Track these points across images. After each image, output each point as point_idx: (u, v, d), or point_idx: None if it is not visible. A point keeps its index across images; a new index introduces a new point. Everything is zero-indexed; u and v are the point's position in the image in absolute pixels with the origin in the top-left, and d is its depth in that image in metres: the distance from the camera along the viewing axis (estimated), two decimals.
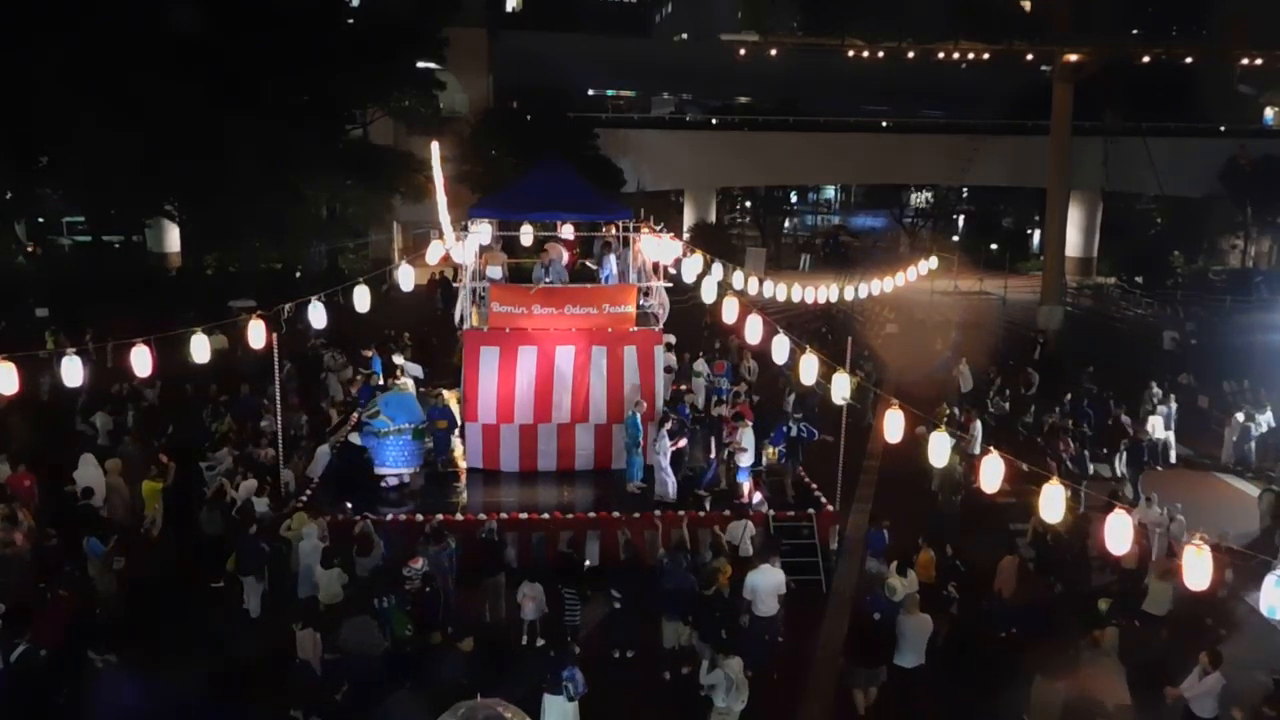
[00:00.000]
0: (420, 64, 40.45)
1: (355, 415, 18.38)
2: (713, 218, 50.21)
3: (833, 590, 14.64)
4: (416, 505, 15.65)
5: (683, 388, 20.88)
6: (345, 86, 35.00)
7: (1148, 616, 13.08)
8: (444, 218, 27.41)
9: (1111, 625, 11.92)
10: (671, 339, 20.60)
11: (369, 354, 21.47)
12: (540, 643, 12.82)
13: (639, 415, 16.51)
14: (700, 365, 21.94)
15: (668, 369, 18.79)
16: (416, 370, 20.57)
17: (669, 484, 15.83)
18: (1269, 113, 58.12)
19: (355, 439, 16.60)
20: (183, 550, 14.52)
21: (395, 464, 16.52)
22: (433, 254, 19.17)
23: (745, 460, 16.32)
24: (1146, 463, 19.17)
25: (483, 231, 19.13)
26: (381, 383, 19.13)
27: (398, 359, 21.05)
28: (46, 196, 34.10)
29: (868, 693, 11.69)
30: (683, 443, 16.30)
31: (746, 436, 16.31)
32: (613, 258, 18.58)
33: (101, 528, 13.92)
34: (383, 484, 16.37)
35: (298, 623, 11.42)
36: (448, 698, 8.99)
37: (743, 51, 42.30)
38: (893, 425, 10.80)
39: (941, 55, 38.63)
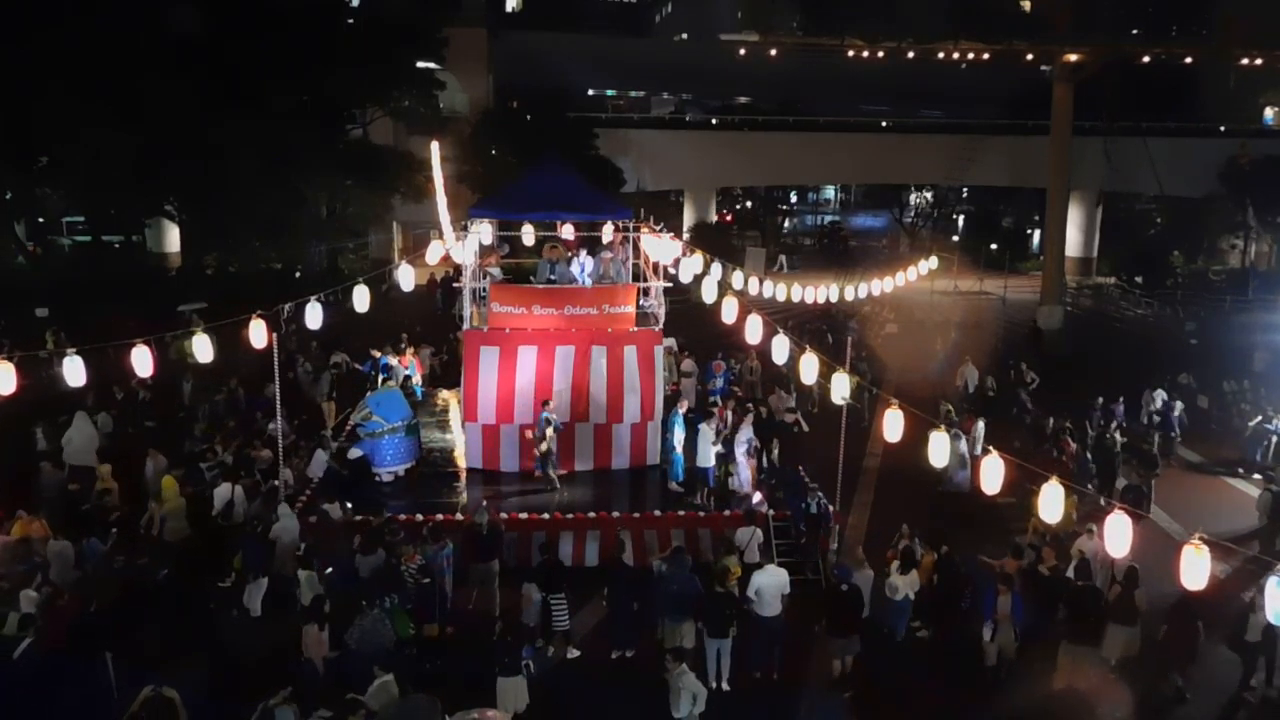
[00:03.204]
0: (420, 64, 40.42)
1: (351, 420, 18.40)
2: (713, 218, 50.19)
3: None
4: (416, 505, 15.64)
5: (677, 387, 20.89)
6: (345, 86, 34.96)
7: None
8: (444, 218, 27.45)
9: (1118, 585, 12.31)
10: (671, 343, 20.71)
11: (377, 355, 21.45)
12: (539, 644, 12.81)
13: (681, 414, 16.64)
14: (689, 365, 21.87)
15: None
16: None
17: (744, 477, 16.00)
18: (1269, 113, 58.10)
19: (354, 453, 16.68)
20: (193, 549, 14.50)
21: (392, 462, 16.74)
22: (433, 254, 19.19)
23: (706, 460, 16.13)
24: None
25: (483, 231, 19.13)
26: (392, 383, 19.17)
27: (392, 359, 20.99)
28: (46, 196, 34.06)
29: (844, 661, 12.16)
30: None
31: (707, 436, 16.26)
32: (586, 259, 18.46)
33: (101, 527, 13.94)
34: (378, 479, 16.52)
35: (305, 620, 11.40)
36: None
37: (743, 51, 42.27)
38: (893, 425, 10.80)
39: (941, 55, 38.59)
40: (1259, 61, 38.47)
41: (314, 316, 14.51)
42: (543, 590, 12.60)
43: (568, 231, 19.91)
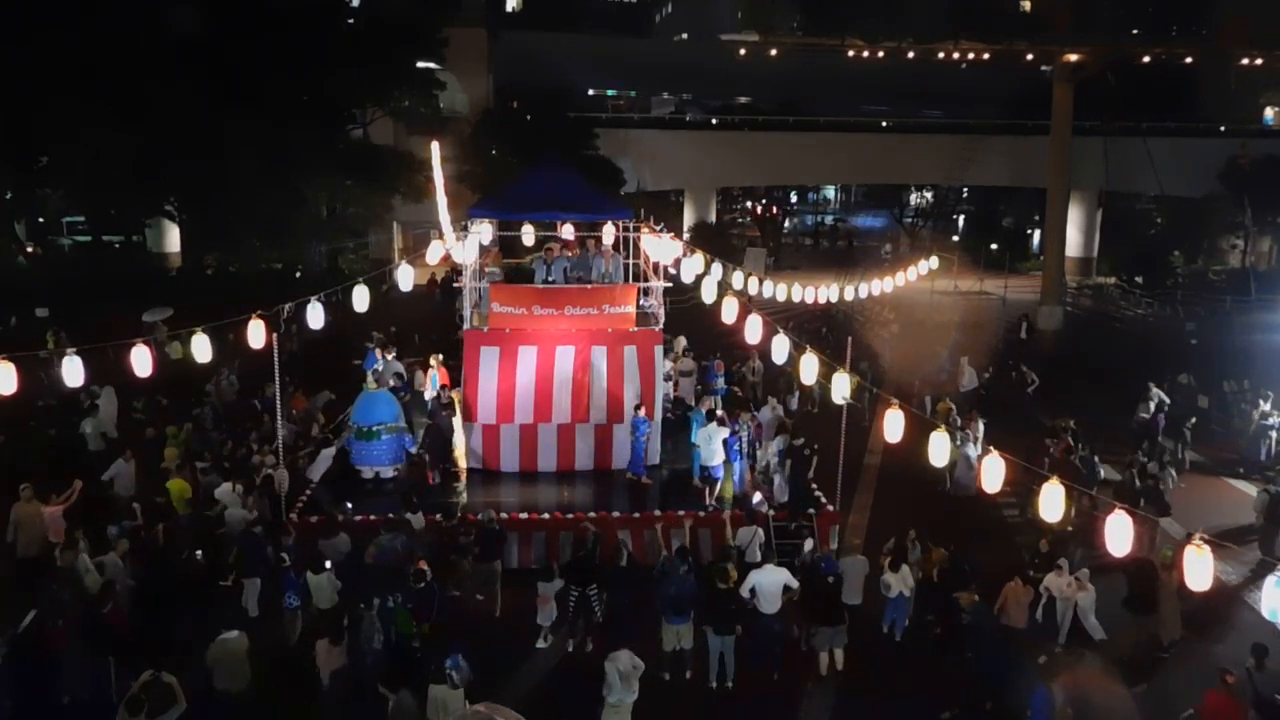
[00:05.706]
0: (420, 64, 40.43)
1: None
2: (713, 218, 50.20)
3: None
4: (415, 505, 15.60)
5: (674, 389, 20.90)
6: (345, 86, 34.99)
7: None
8: (444, 218, 27.45)
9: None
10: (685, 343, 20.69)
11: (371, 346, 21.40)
12: (542, 645, 12.81)
13: (703, 413, 16.89)
14: (688, 364, 21.85)
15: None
16: (398, 368, 20.59)
17: (780, 485, 15.97)
18: (1269, 113, 58.10)
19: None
20: (197, 549, 14.48)
21: (369, 461, 16.72)
22: (433, 254, 19.17)
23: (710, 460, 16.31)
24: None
25: (483, 231, 19.11)
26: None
27: (379, 355, 20.90)
28: (46, 196, 34.09)
29: (833, 653, 12.21)
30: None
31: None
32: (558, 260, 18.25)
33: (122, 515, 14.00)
34: (361, 475, 16.61)
35: (319, 634, 11.36)
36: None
37: (743, 51, 42.27)
38: (892, 425, 10.80)
39: (941, 55, 38.61)
40: (1259, 61, 38.49)
41: (314, 316, 14.50)
42: (579, 585, 12.65)
43: (568, 231, 19.90)
